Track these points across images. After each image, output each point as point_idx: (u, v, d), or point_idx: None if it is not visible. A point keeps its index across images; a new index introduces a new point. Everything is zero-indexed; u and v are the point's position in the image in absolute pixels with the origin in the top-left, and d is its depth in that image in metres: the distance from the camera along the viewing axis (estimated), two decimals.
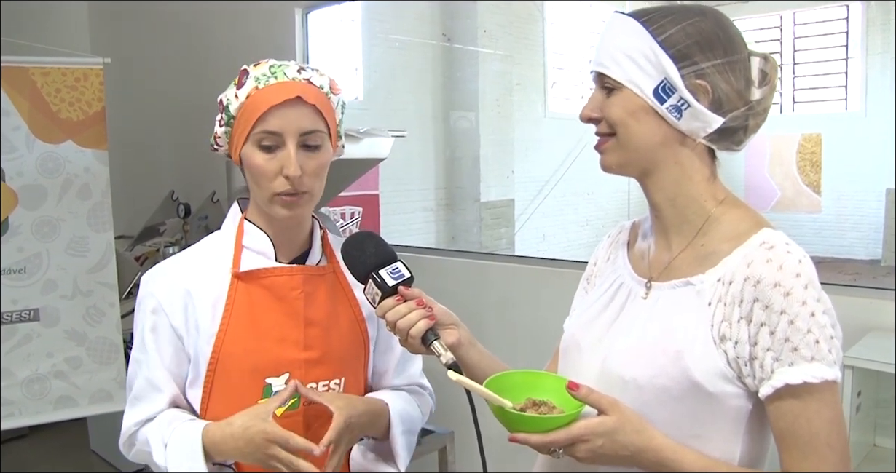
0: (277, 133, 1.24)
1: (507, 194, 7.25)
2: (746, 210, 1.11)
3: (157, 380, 1.32)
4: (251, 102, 1.26)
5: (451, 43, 6.87)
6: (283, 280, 1.33)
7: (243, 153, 1.28)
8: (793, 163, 7.26)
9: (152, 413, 1.32)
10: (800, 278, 0.98)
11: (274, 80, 1.26)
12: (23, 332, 2.94)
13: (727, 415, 1.03)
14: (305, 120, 1.26)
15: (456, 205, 7.11)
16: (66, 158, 2.95)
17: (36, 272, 2.94)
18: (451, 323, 1.24)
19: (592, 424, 1.00)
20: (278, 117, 1.24)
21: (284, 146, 1.25)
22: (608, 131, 1.10)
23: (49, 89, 2.90)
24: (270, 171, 1.25)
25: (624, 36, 1.07)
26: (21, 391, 2.93)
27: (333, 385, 1.36)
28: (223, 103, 1.30)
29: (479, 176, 6.95)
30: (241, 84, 1.28)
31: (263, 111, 1.23)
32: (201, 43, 4.27)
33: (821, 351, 0.97)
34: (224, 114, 1.30)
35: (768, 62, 1.09)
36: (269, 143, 1.25)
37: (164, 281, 1.34)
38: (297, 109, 1.25)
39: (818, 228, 7.51)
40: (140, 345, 1.34)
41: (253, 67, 1.30)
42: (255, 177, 1.27)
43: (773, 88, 1.09)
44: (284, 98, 1.23)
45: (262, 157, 1.25)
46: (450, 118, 7.02)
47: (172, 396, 1.33)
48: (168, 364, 1.32)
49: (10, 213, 2.89)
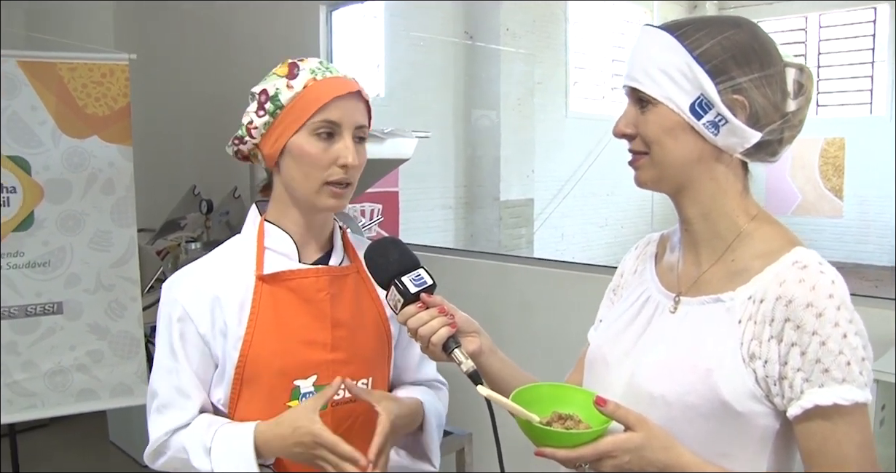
0: (337, 123, 1.27)
1: (526, 193, 7.23)
2: (779, 227, 1.10)
3: (187, 387, 1.32)
4: (310, 92, 1.27)
5: (473, 41, 6.86)
6: (309, 282, 1.33)
7: (293, 142, 1.28)
8: (815, 167, 7.18)
9: (185, 420, 1.32)
10: (832, 299, 0.97)
11: (329, 74, 1.29)
12: (46, 325, 2.97)
13: (754, 434, 1.02)
14: (360, 114, 1.30)
15: (475, 203, 7.11)
16: (92, 153, 2.97)
17: (60, 266, 2.97)
18: (473, 331, 1.24)
19: (620, 440, 0.99)
20: (340, 108, 1.27)
21: (341, 136, 1.27)
22: (642, 149, 1.09)
23: (75, 84, 2.92)
24: (325, 160, 1.27)
25: (658, 50, 1.06)
26: (43, 383, 2.96)
27: (361, 385, 1.36)
28: (268, 93, 1.30)
29: (499, 175, 6.94)
30: (293, 75, 1.29)
31: (327, 101, 1.25)
32: (225, 40, 4.29)
33: (852, 372, 0.96)
34: (270, 104, 1.29)
35: (804, 73, 1.07)
36: (329, 131, 1.27)
37: (188, 288, 1.34)
38: (355, 103, 1.29)
39: (839, 233, 7.44)
40: (168, 353, 1.33)
41: (301, 61, 1.31)
42: (307, 165, 1.28)
43: (808, 99, 1.08)
44: (347, 90, 1.27)
45: (318, 146, 1.27)
46: (471, 116, 7.01)
47: (202, 402, 1.34)
48: (196, 369, 1.33)
49: (36, 207, 2.92)
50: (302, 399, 1.31)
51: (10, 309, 2.89)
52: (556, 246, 7.70)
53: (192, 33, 4.57)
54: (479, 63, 6.91)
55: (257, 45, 4.02)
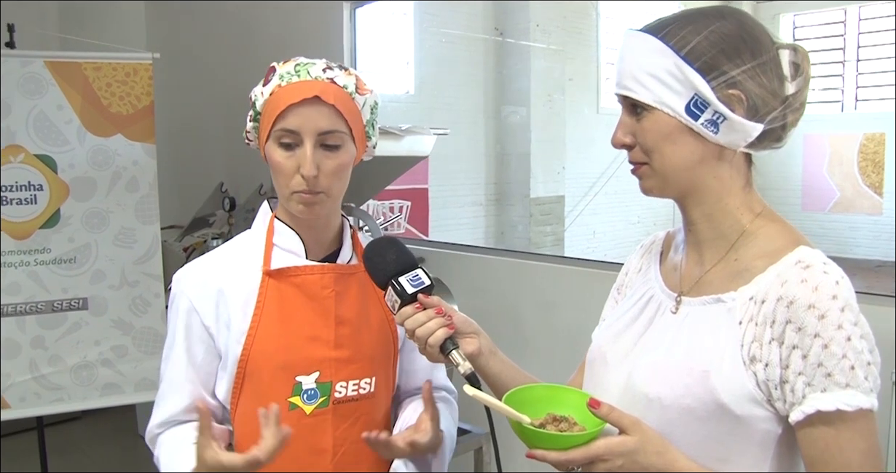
0: (295, 131, 1.25)
1: (557, 190, 7.19)
2: (783, 225, 1.06)
3: (180, 381, 1.34)
4: (273, 100, 1.27)
5: (503, 37, 6.84)
6: (315, 278, 1.33)
7: (266, 149, 1.29)
8: (853, 163, 7.05)
9: (171, 413, 1.35)
10: (836, 300, 0.93)
11: (297, 79, 1.27)
12: (72, 320, 3.02)
13: (755, 439, 0.99)
14: (324, 120, 1.25)
15: (505, 200, 7.08)
16: (116, 151, 3.02)
17: (85, 262, 3.02)
18: (472, 332, 1.22)
19: (612, 444, 0.97)
20: (297, 116, 1.24)
21: (302, 144, 1.25)
22: (642, 159, 1.07)
23: (100, 84, 2.97)
24: (288, 169, 1.26)
25: (644, 54, 1.03)
26: (70, 377, 3.02)
27: (364, 384, 1.35)
28: (252, 99, 1.32)
29: (528, 171, 6.90)
30: (267, 81, 1.30)
31: (282, 109, 1.24)
32: (251, 38, 4.33)
33: (856, 377, 0.92)
34: (252, 110, 1.32)
35: (798, 52, 1.04)
36: (288, 141, 1.26)
37: (195, 280, 1.35)
38: (316, 108, 1.25)
39: (878, 231, 7.27)
40: (171, 343, 1.36)
41: (281, 65, 1.31)
42: (275, 173, 1.29)
43: (807, 79, 1.04)
44: (303, 97, 1.24)
45: (282, 155, 1.26)
46: (500, 113, 6.99)
47: (193, 397, 1.34)
48: (199, 362, 1.34)
49: (62, 204, 2.97)
50: (303, 395, 1.31)
51: (37, 305, 2.95)
52: (586, 244, 7.65)
53: (219, 32, 4.61)
54: (509, 59, 6.89)
55: (282, 43, 4.05)
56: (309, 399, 1.32)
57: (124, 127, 3.02)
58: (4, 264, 2.89)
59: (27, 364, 2.95)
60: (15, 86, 2.85)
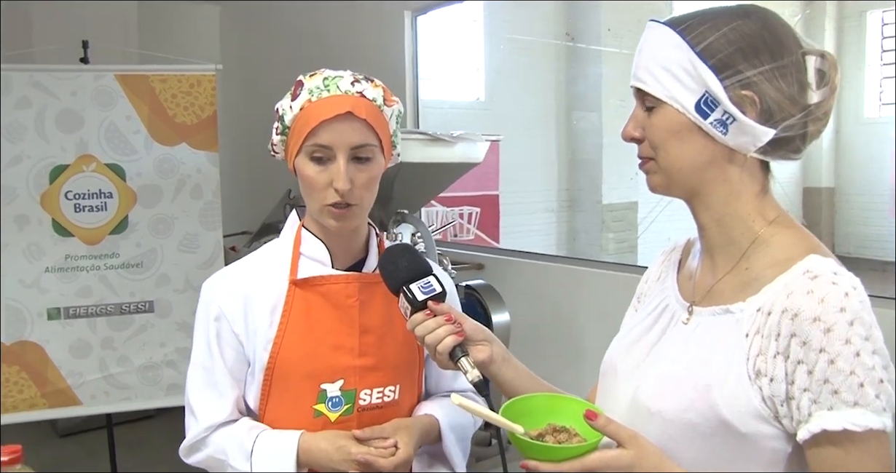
0: (328, 147, 1.27)
1: (629, 196, 7.06)
2: (798, 232, 1.02)
3: (222, 386, 1.37)
4: (304, 115, 1.28)
5: (573, 42, 6.77)
6: (339, 287, 1.35)
7: (296, 163, 1.31)
8: None
9: (221, 418, 1.37)
10: (844, 313, 0.88)
11: (327, 94, 1.29)
12: (139, 322, 3.15)
13: (762, 458, 0.95)
14: (356, 134, 1.28)
15: (576, 206, 7.01)
16: (181, 160, 3.13)
17: (151, 266, 3.14)
18: (483, 340, 1.22)
19: (608, 457, 0.95)
20: (329, 131, 1.26)
21: (335, 159, 1.27)
22: (649, 154, 1.05)
23: (166, 95, 3.09)
24: (321, 183, 1.28)
25: (660, 47, 1.01)
26: (136, 376, 3.14)
27: (388, 391, 1.37)
28: (279, 113, 1.34)
29: (601, 177, 6.81)
30: (295, 95, 1.31)
31: (315, 125, 1.26)
32: (314, 48, 4.43)
33: (866, 395, 0.87)
34: (279, 124, 1.34)
35: (826, 60, 0.99)
36: (321, 156, 1.28)
37: (224, 288, 1.39)
38: (349, 124, 1.27)
39: None
40: (204, 351, 1.39)
41: (308, 78, 1.32)
42: (307, 187, 1.31)
43: (833, 89, 0.99)
44: (335, 113, 1.26)
45: (314, 169, 1.28)
46: (571, 119, 6.92)
47: (236, 400, 1.38)
48: (230, 367, 1.37)
49: (130, 211, 3.10)
50: (328, 402, 1.34)
51: (106, 307, 3.09)
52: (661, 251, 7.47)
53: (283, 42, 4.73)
54: (580, 64, 6.82)
55: (343, 52, 4.13)
56: (334, 406, 1.34)
57: (189, 136, 3.13)
58: (77, 268, 3.04)
59: (97, 363, 3.09)
60: (88, 99, 3.00)
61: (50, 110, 2.96)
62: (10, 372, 2.98)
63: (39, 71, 2.99)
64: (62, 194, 3.00)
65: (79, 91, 2.98)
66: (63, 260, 3.02)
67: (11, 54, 3.48)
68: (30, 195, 2.96)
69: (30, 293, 2.99)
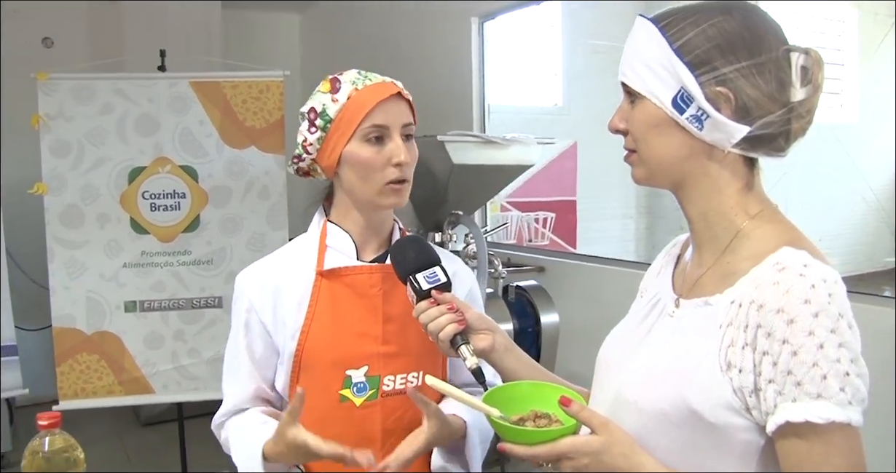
0: (385, 126, 1.35)
1: None
2: (780, 225, 1.02)
3: (243, 375, 1.45)
4: (354, 102, 1.35)
5: None
6: (364, 278, 1.41)
7: (348, 151, 1.36)
8: None
9: (234, 405, 1.46)
10: (808, 305, 0.88)
11: (369, 82, 1.38)
12: (208, 317, 3.30)
13: (734, 449, 0.95)
14: (404, 114, 1.38)
15: (655, 212, 6.88)
16: (250, 162, 3.27)
17: (221, 263, 3.29)
18: (486, 329, 1.26)
19: (578, 443, 0.98)
20: (384, 112, 1.35)
21: (391, 138, 1.36)
22: (633, 147, 1.07)
23: (237, 100, 3.23)
24: (379, 162, 1.35)
25: (643, 43, 1.03)
26: (205, 368, 3.30)
27: (411, 378, 1.42)
28: (316, 110, 1.40)
29: None
30: (335, 89, 1.39)
31: (371, 107, 1.34)
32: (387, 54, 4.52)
33: (829, 388, 0.87)
34: (320, 120, 1.39)
35: (810, 57, 0.99)
36: (378, 135, 1.35)
37: (254, 281, 1.46)
38: (398, 104, 1.37)
39: None
40: (234, 340, 1.47)
41: (340, 74, 1.41)
42: (364, 170, 1.37)
43: (817, 87, 0.99)
44: (389, 93, 1.36)
45: (371, 150, 1.35)
46: None
47: (255, 390, 1.45)
48: (258, 358, 1.44)
49: (202, 211, 3.26)
50: (353, 388, 1.39)
51: (178, 301, 3.26)
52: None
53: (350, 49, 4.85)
54: None
55: (411, 58, 4.21)
56: (359, 391, 1.39)
57: (257, 139, 3.27)
58: (152, 264, 3.23)
59: (169, 354, 3.26)
60: (164, 105, 3.18)
61: (130, 115, 3.15)
62: (91, 360, 3.18)
63: (121, 78, 3.19)
64: (139, 194, 3.19)
65: (155, 97, 3.17)
66: (139, 257, 3.21)
67: (100, 63, 3.73)
68: (110, 195, 3.16)
69: (109, 286, 3.19)
